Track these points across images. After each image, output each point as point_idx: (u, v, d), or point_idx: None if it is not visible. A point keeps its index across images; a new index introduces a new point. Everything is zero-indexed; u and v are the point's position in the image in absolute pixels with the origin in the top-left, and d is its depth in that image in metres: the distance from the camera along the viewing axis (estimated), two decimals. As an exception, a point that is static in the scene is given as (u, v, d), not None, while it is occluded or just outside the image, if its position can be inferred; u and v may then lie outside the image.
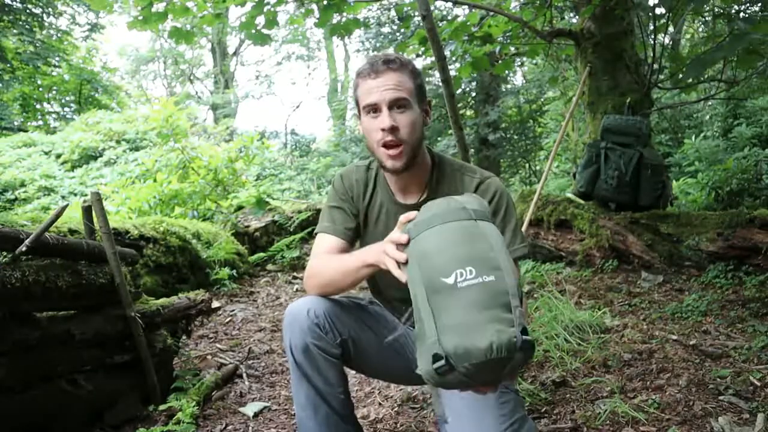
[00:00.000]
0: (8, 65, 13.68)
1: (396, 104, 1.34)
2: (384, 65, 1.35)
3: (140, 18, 3.87)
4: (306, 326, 1.35)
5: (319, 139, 16.68)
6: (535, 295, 3.17)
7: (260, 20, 4.04)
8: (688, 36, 9.41)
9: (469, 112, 10.59)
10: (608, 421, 1.81)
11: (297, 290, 4.21)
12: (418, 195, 1.47)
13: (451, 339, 0.96)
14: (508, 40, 5.02)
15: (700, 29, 8.91)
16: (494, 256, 1.03)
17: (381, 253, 1.19)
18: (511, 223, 1.41)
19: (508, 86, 10.75)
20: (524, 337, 0.96)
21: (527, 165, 10.72)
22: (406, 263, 1.11)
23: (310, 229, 5.17)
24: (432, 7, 3.59)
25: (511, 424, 1.24)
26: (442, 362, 0.95)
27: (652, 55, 4.07)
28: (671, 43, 6.65)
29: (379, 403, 2.17)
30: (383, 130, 1.34)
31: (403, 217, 1.16)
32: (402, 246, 1.13)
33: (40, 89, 16.25)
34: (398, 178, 1.46)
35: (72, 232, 2.25)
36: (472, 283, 0.99)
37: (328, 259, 1.42)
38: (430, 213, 1.11)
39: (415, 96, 1.38)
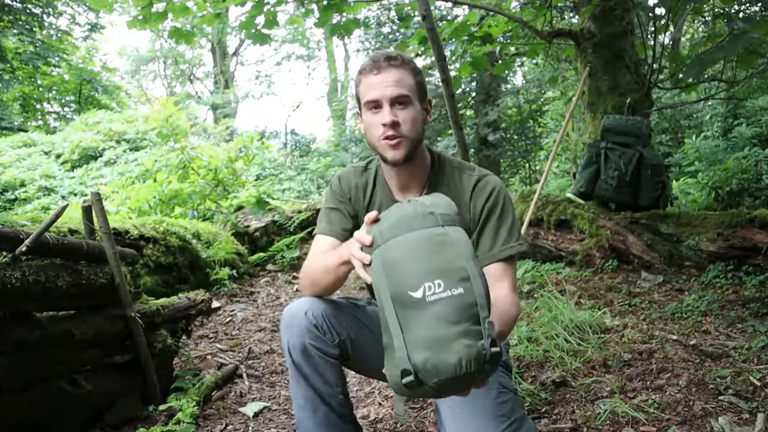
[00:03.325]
0: (8, 65, 13.67)
1: (397, 101, 1.34)
2: (386, 62, 1.35)
3: (140, 17, 3.88)
4: (304, 327, 1.35)
5: (319, 139, 16.70)
6: (535, 295, 3.17)
7: (260, 20, 4.04)
8: (688, 36, 9.41)
9: (469, 112, 10.59)
10: (608, 421, 1.81)
11: (297, 290, 4.21)
12: (416, 193, 1.47)
13: (419, 354, 0.95)
14: (508, 40, 5.02)
15: (700, 29, 8.90)
16: (462, 266, 1.01)
17: (349, 250, 1.18)
18: (508, 220, 1.41)
19: (508, 86, 10.75)
20: (493, 349, 0.95)
21: (527, 165, 10.73)
22: (370, 264, 1.09)
23: (310, 229, 5.17)
24: (432, 7, 3.59)
25: (510, 424, 1.24)
26: (411, 378, 0.94)
27: (652, 55, 4.06)
28: (671, 43, 6.64)
29: (379, 403, 2.17)
30: (384, 125, 1.34)
31: (368, 217, 1.14)
32: (367, 247, 1.11)
33: (40, 89, 16.25)
34: (398, 174, 1.45)
35: (72, 232, 2.25)
36: (441, 297, 0.97)
37: (315, 259, 1.43)
38: (396, 218, 1.08)
39: (416, 93, 1.38)
